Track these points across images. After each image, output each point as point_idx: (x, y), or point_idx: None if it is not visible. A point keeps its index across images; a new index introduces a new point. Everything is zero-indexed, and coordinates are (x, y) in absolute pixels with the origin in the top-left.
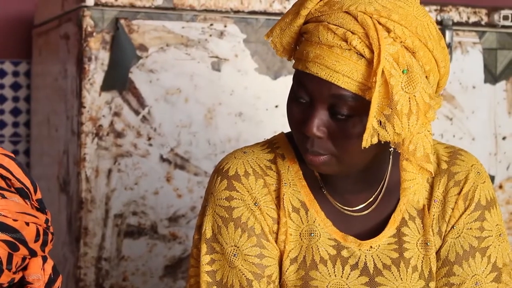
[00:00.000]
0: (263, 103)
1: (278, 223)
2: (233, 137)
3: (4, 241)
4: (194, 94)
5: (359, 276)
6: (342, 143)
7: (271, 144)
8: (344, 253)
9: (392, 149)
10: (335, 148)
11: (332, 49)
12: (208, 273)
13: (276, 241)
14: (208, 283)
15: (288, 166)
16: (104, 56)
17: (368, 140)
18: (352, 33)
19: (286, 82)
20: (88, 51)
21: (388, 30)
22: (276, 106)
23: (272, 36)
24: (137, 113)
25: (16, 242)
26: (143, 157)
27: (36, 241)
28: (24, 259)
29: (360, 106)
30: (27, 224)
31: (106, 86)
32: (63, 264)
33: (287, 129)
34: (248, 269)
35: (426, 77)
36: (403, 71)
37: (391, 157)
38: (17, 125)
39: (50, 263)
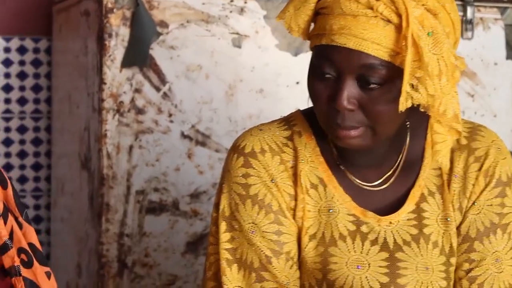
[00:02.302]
0: (284, 79)
1: (296, 199)
2: (254, 114)
3: None
4: (214, 70)
5: (379, 252)
6: (375, 113)
7: (287, 121)
8: (364, 228)
9: (408, 123)
10: (368, 119)
11: (357, 18)
12: (228, 251)
13: (294, 218)
14: (228, 261)
15: (305, 143)
16: (124, 32)
17: (403, 103)
18: (376, 0)
19: (307, 59)
20: (109, 27)
21: None
22: (297, 83)
23: (285, 17)
24: (158, 89)
25: None
26: (164, 133)
27: None
28: None
29: (389, 73)
30: None
31: (127, 62)
32: (85, 240)
33: (309, 105)
34: (266, 246)
35: (447, 39)
36: (428, 34)
37: (408, 132)
38: (38, 102)
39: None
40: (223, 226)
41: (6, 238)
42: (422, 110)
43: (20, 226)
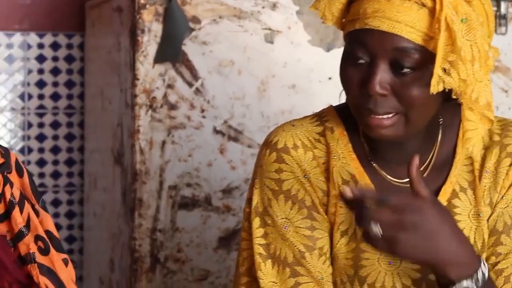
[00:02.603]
0: (316, 75)
1: (328, 195)
2: (287, 110)
3: None
4: (247, 66)
5: None
6: (408, 98)
7: (320, 117)
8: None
9: (441, 119)
10: (401, 105)
11: (391, 1)
12: (262, 246)
13: (326, 214)
14: (262, 256)
15: (338, 139)
16: (157, 28)
17: (435, 86)
18: None
19: (339, 54)
20: (141, 23)
21: None
22: (330, 78)
23: (319, 6)
24: (190, 85)
25: None
26: (197, 129)
27: None
28: None
29: (422, 58)
30: None
31: (160, 58)
32: (118, 236)
33: (341, 101)
34: (299, 241)
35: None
36: (461, 20)
37: (440, 129)
38: (71, 97)
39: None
40: (256, 221)
41: (22, 226)
42: (454, 97)
43: (37, 213)
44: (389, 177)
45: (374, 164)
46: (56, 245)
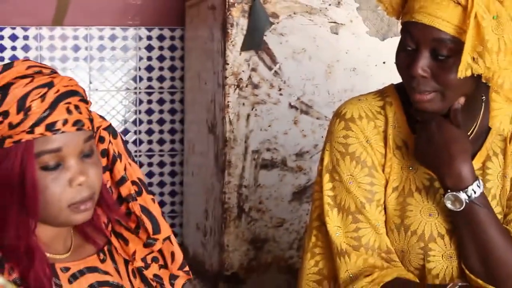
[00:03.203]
0: (373, 60)
1: (385, 157)
2: (348, 88)
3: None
4: (316, 53)
5: None
6: (444, 79)
7: (381, 94)
8: (436, 184)
9: (484, 97)
10: (438, 85)
11: (434, 0)
12: (330, 197)
13: (383, 172)
14: (330, 205)
15: (395, 112)
16: (243, 22)
17: (462, 71)
18: None
19: (392, 43)
20: (231, 18)
21: None
22: (384, 63)
23: (383, 0)
24: (270, 68)
25: None
26: (275, 104)
27: None
28: None
29: (457, 47)
30: None
31: (245, 47)
32: (211, 191)
33: (393, 81)
34: (361, 194)
35: None
36: (493, 17)
37: (483, 105)
38: (173, 79)
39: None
40: (326, 177)
41: (123, 174)
42: (483, 81)
43: (130, 165)
44: None
45: None
46: (145, 188)
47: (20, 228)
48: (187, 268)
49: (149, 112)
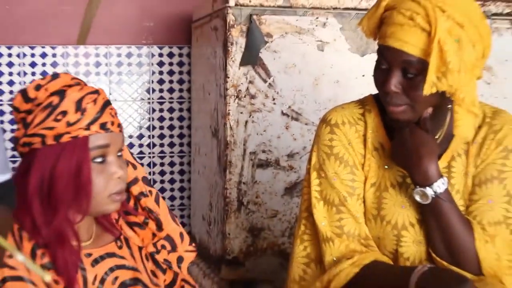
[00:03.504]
0: (353, 73)
1: (364, 157)
2: (332, 98)
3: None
4: (305, 67)
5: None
6: (413, 95)
7: (361, 103)
8: (408, 180)
9: (450, 106)
10: (408, 99)
11: (403, 27)
12: (317, 192)
13: (362, 170)
14: (317, 198)
15: (373, 118)
16: (242, 41)
17: (428, 89)
18: (417, 14)
19: (370, 58)
20: (231, 38)
21: (443, 11)
22: (363, 76)
23: (362, 23)
24: (265, 81)
25: None
26: (269, 112)
27: None
28: None
29: (423, 67)
30: None
31: (244, 62)
32: (214, 186)
33: (371, 92)
34: (344, 189)
35: (473, 46)
36: (455, 40)
37: (449, 113)
38: (182, 91)
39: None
40: (314, 174)
41: (135, 176)
42: (448, 96)
43: (135, 167)
44: None
45: None
46: (151, 186)
47: (66, 218)
48: (193, 244)
49: (161, 119)
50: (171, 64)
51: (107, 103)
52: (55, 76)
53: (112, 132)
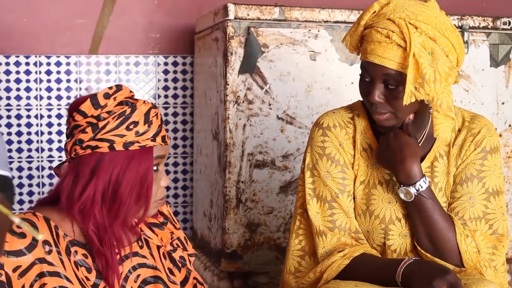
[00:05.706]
0: (343, 81)
1: (354, 157)
2: (324, 103)
3: None
4: (298, 75)
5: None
6: (395, 104)
7: (351, 107)
8: (394, 178)
9: (431, 109)
10: (391, 107)
11: (381, 44)
12: (310, 189)
13: (352, 169)
14: (310, 195)
15: (361, 121)
16: (240, 51)
17: (407, 99)
18: (392, 32)
19: (358, 67)
20: (231, 48)
21: (416, 27)
22: (352, 83)
23: (345, 40)
24: (261, 88)
25: None
26: (266, 116)
27: None
28: None
29: (402, 79)
30: None
31: (242, 71)
32: (215, 185)
33: (359, 98)
34: (335, 186)
35: (447, 56)
36: (429, 53)
37: (430, 117)
38: (185, 97)
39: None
40: (307, 173)
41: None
42: (426, 103)
43: None
44: None
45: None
46: None
47: (125, 221)
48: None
49: (166, 123)
50: (175, 72)
51: (162, 118)
52: (119, 87)
53: (167, 145)
